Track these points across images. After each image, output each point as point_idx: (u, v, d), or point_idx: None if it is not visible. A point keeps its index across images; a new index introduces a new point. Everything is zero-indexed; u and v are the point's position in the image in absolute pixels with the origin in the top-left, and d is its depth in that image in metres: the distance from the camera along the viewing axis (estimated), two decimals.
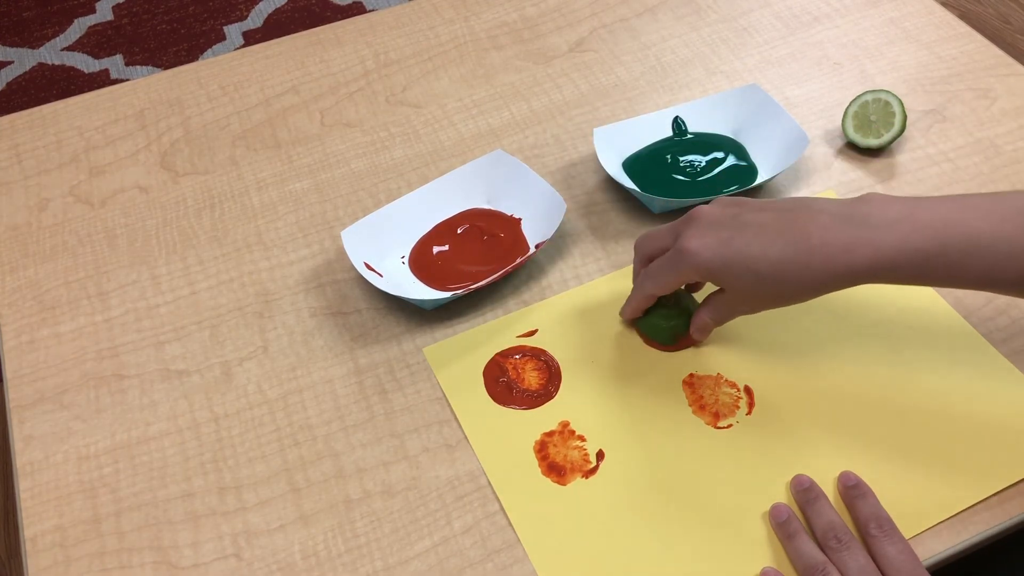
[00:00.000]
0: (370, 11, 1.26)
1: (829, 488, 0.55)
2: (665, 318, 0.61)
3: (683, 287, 0.63)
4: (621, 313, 0.63)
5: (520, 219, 0.69)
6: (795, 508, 0.54)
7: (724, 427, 0.58)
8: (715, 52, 0.84)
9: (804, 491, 0.54)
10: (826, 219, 0.51)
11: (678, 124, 0.74)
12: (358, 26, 0.89)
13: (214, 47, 1.86)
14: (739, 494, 0.55)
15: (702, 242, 0.53)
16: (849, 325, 0.63)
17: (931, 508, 0.54)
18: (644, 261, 0.59)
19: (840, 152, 0.75)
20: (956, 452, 0.56)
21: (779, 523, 0.53)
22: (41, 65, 1.84)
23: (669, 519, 0.54)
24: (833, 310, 0.64)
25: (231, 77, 0.84)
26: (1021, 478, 0.55)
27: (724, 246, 0.52)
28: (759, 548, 0.53)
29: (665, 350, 0.62)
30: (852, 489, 0.54)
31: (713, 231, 0.53)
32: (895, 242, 0.49)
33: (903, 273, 0.49)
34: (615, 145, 0.72)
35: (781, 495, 0.55)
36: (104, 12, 1.94)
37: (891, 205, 0.50)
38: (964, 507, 0.54)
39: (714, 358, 0.62)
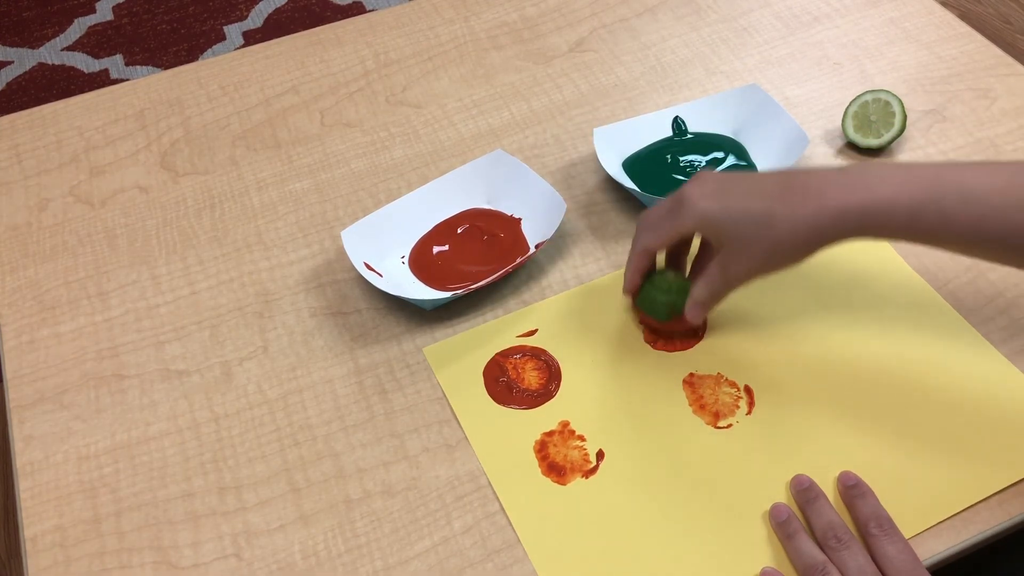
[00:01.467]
0: (370, 11, 1.26)
1: (829, 488, 0.55)
2: (664, 292, 0.60)
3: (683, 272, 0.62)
4: (624, 289, 0.62)
5: (520, 219, 0.69)
6: (795, 508, 0.54)
7: (724, 427, 0.58)
8: (715, 52, 0.84)
9: (804, 491, 0.54)
10: (823, 171, 0.53)
11: (678, 124, 0.74)
12: (358, 26, 0.89)
13: (214, 47, 1.86)
14: (739, 494, 0.55)
15: (701, 190, 0.54)
16: (849, 325, 0.63)
17: (931, 508, 0.54)
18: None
19: (840, 152, 0.75)
20: (956, 452, 0.56)
21: (779, 523, 0.53)
22: (41, 65, 1.84)
23: (669, 519, 0.54)
24: (833, 308, 0.64)
25: (231, 77, 0.84)
26: (1021, 478, 0.55)
27: (723, 193, 0.54)
28: (759, 548, 0.53)
29: (661, 327, 0.62)
30: (852, 489, 0.54)
31: (713, 182, 0.55)
32: (890, 188, 0.50)
33: (895, 222, 0.50)
34: (615, 145, 0.72)
35: (781, 495, 0.55)
36: (104, 12, 1.94)
37: (886, 168, 0.52)
38: (964, 507, 0.54)
39: (714, 358, 0.62)
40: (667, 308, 0.60)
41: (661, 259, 0.62)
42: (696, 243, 0.63)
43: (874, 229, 0.51)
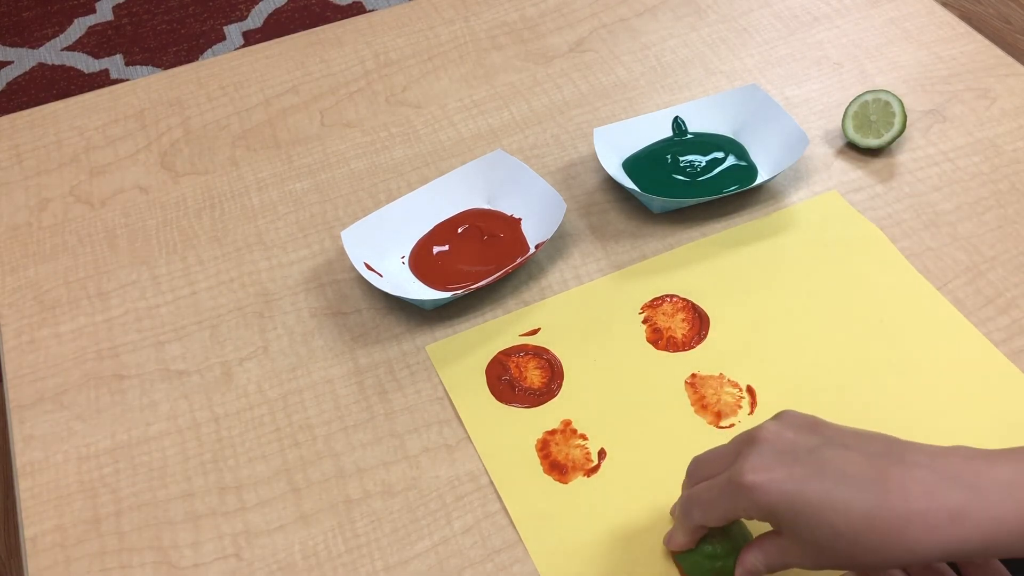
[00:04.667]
0: (370, 11, 1.26)
1: None
2: (710, 557, 0.49)
3: None
4: (665, 542, 0.51)
5: (520, 219, 0.69)
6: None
7: (726, 427, 0.58)
8: (715, 52, 0.84)
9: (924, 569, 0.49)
10: (926, 476, 0.41)
11: (678, 124, 0.74)
12: (358, 26, 0.89)
13: (214, 47, 1.86)
14: None
15: (768, 476, 0.43)
16: (851, 325, 0.63)
17: None
18: (696, 484, 0.48)
19: (840, 152, 0.75)
20: None
21: None
22: (41, 65, 1.84)
23: (670, 518, 0.54)
24: (835, 308, 0.64)
25: (231, 77, 0.84)
26: None
27: (796, 488, 0.42)
28: None
29: None
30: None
31: (784, 464, 0.43)
32: (1017, 511, 0.40)
33: None
34: (615, 145, 0.72)
35: None
36: (104, 12, 1.94)
37: (997, 463, 0.42)
38: None
39: (716, 358, 0.62)
40: (714, 573, 0.50)
41: None
42: None
43: (997, 555, 0.40)
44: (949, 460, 0.42)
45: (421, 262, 0.67)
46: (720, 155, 0.72)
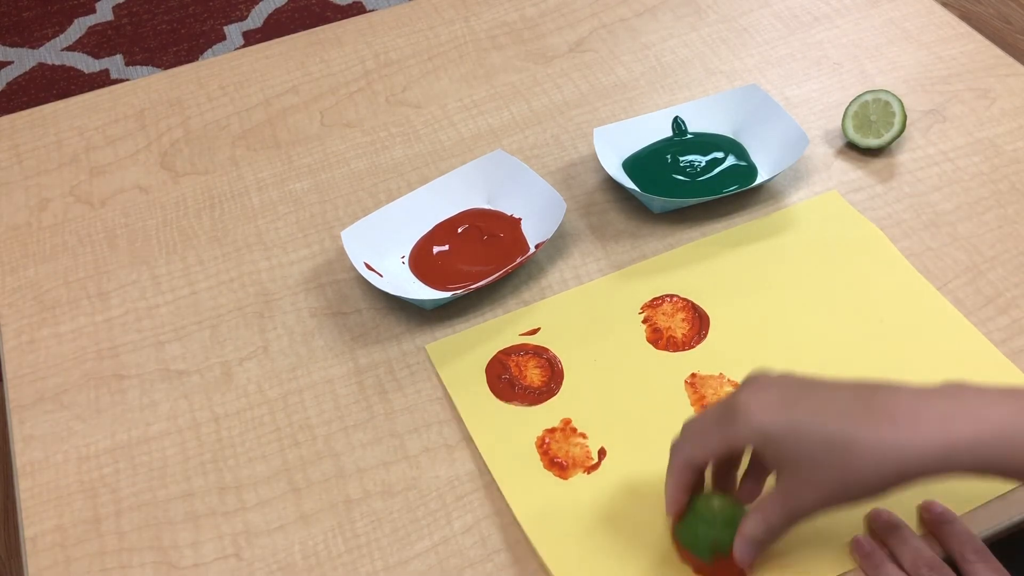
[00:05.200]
0: (370, 11, 1.26)
1: None
2: (708, 525, 0.49)
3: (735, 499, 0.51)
4: (667, 510, 0.51)
5: (520, 219, 0.69)
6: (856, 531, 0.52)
7: None
8: (715, 52, 0.84)
9: (883, 521, 0.51)
10: (914, 389, 0.44)
11: (678, 124, 0.74)
12: (358, 26, 0.89)
13: (214, 47, 1.86)
14: None
15: (763, 398, 0.45)
16: (851, 325, 0.63)
17: None
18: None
19: (840, 152, 0.75)
20: None
21: (864, 555, 0.50)
22: (41, 65, 1.84)
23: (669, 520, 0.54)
24: (835, 308, 0.64)
25: (231, 77, 0.84)
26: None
27: (788, 407, 0.44)
28: None
29: (703, 570, 0.51)
30: (938, 516, 0.51)
31: (776, 390, 0.46)
32: (1005, 415, 0.41)
33: (1016, 454, 0.41)
34: (615, 145, 0.72)
35: None
36: (104, 12, 1.94)
37: (982, 388, 0.44)
38: (966, 509, 0.54)
39: (716, 358, 0.62)
40: (710, 544, 0.49)
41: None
42: (747, 457, 0.52)
43: (983, 466, 0.42)
44: (934, 386, 0.45)
45: (421, 262, 0.67)
46: (720, 155, 0.72)
